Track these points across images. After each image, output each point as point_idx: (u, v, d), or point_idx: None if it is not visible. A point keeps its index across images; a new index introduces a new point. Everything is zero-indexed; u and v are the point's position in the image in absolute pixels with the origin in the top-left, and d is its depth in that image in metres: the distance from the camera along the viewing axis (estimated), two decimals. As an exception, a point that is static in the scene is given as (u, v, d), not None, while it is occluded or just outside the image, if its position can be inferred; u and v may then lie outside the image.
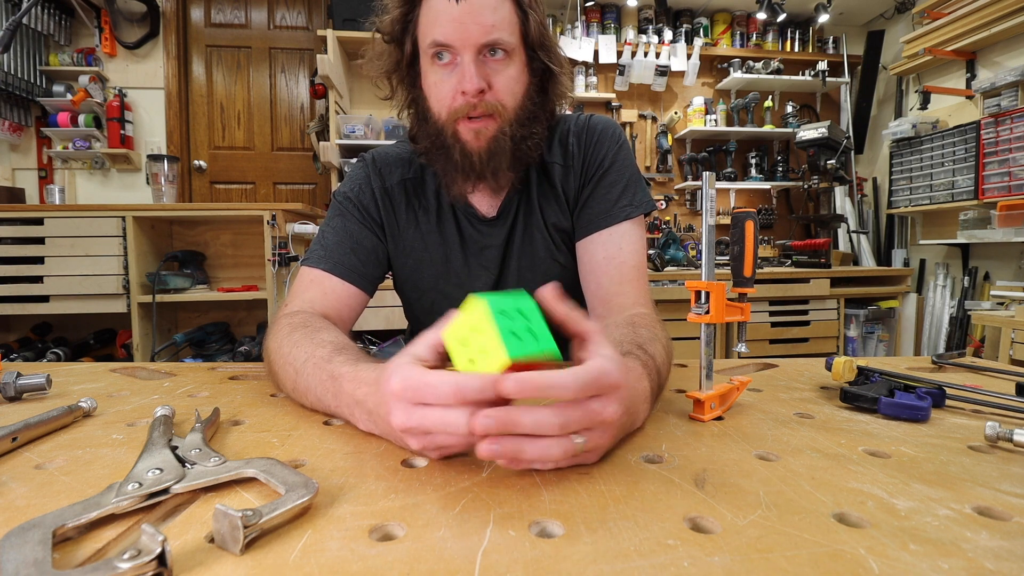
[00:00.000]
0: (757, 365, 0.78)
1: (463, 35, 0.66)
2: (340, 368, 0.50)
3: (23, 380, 0.58)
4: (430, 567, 0.28)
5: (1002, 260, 2.84)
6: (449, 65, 0.69)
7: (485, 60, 0.68)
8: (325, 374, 0.51)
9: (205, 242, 2.33)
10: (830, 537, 0.30)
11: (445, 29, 0.66)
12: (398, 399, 0.38)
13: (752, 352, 2.70)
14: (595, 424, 0.38)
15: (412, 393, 0.37)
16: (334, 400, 0.50)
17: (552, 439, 0.36)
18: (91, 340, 2.27)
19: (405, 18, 0.71)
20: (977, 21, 2.68)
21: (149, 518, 0.33)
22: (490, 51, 0.68)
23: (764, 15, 3.14)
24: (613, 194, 0.78)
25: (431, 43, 0.68)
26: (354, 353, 0.54)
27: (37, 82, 2.90)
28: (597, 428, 0.38)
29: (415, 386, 0.37)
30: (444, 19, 0.66)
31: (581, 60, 3.26)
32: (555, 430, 0.35)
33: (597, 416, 0.37)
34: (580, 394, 0.36)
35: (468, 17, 0.66)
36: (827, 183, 2.99)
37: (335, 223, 0.79)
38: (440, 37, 0.67)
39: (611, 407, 0.38)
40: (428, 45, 0.68)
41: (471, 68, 0.67)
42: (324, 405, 0.52)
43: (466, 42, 0.66)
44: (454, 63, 0.69)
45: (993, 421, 0.45)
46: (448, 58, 0.68)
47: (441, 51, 0.68)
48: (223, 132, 3.25)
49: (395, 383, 0.38)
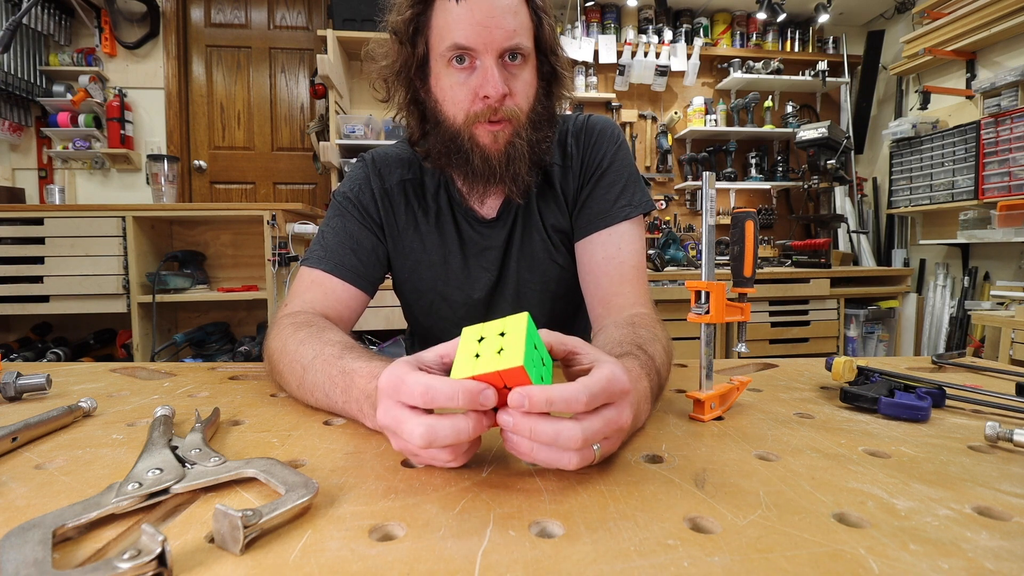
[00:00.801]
0: (757, 365, 0.78)
1: (486, 39, 0.65)
2: (353, 364, 0.50)
3: (23, 380, 0.58)
4: (430, 567, 0.28)
5: (1002, 260, 2.84)
6: (467, 68, 0.68)
7: (505, 64, 0.68)
8: (336, 370, 0.51)
9: (205, 242, 2.33)
10: (830, 537, 0.30)
11: (467, 32, 0.65)
12: (383, 395, 0.38)
13: (752, 352, 2.71)
14: (612, 432, 0.38)
15: (392, 391, 0.38)
16: (343, 396, 0.50)
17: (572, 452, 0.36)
18: (91, 340, 2.27)
19: (417, 19, 0.70)
20: (977, 21, 2.68)
21: (149, 518, 0.33)
22: (509, 56, 0.68)
23: (764, 15, 3.13)
24: (612, 194, 0.78)
25: (451, 46, 0.66)
26: (365, 351, 0.54)
27: (37, 82, 2.90)
28: (613, 435, 0.39)
29: (396, 384, 0.37)
30: (466, 22, 0.65)
31: (581, 60, 3.26)
32: (578, 444, 0.35)
33: (614, 424, 0.37)
34: (591, 405, 0.36)
35: (491, 21, 0.65)
36: (827, 183, 2.99)
37: (335, 223, 0.79)
38: (462, 40, 0.66)
39: (625, 412, 0.38)
40: (448, 48, 0.67)
41: (495, 72, 0.66)
42: (331, 402, 0.51)
43: (489, 46, 0.66)
44: (472, 67, 0.68)
45: (993, 421, 0.45)
46: (467, 62, 0.67)
47: (460, 54, 0.67)
48: (223, 132, 3.25)
49: (383, 378, 0.39)
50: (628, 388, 0.39)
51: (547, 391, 0.35)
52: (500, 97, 0.67)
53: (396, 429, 0.37)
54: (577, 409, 0.35)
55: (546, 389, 0.35)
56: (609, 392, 0.37)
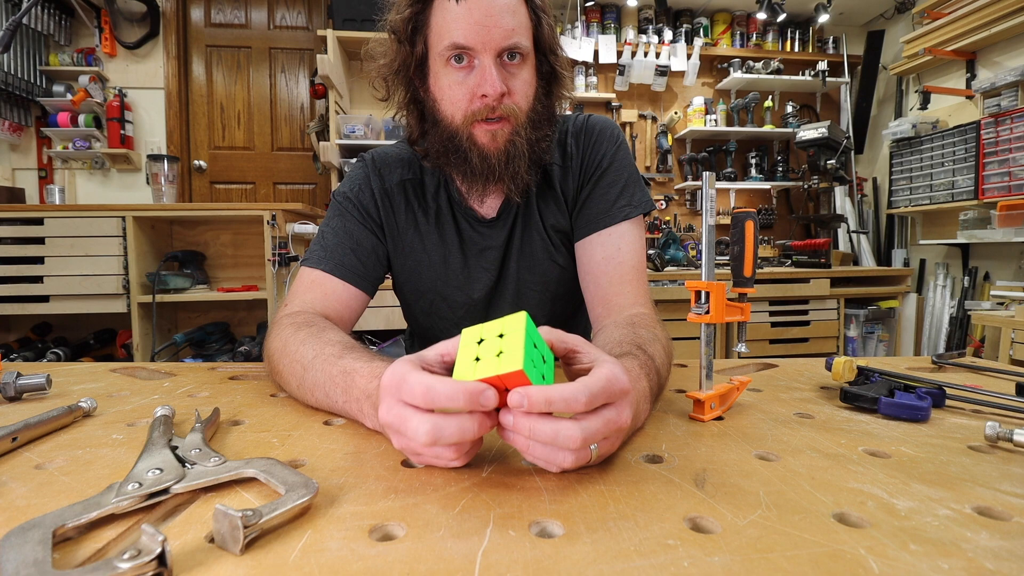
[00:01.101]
0: (757, 365, 0.78)
1: (485, 38, 0.65)
2: (354, 364, 0.50)
3: (23, 380, 0.58)
4: (430, 567, 0.28)
5: (1002, 260, 2.84)
6: (466, 68, 0.68)
7: (503, 64, 0.68)
8: (336, 370, 0.51)
9: (205, 242, 2.33)
10: (830, 537, 0.30)
11: (466, 32, 0.65)
12: (386, 393, 0.38)
13: (752, 352, 2.70)
14: (612, 432, 0.38)
15: (395, 389, 0.38)
16: (343, 395, 0.50)
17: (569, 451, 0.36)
18: (91, 340, 2.27)
19: (416, 18, 0.70)
20: (977, 21, 2.68)
21: (149, 518, 0.33)
22: (508, 55, 0.68)
23: (764, 15, 3.13)
24: (611, 194, 0.78)
25: (450, 45, 0.66)
26: (366, 351, 0.54)
27: (37, 82, 2.90)
28: (612, 435, 0.39)
29: (398, 383, 0.37)
30: (464, 22, 0.65)
31: (581, 60, 3.26)
32: (576, 444, 0.35)
33: (614, 425, 0.38)
34: (591, 405, 0.36)
35: (489, 20, 0.65)
36: (827, 183, 2.99)
37: (335, 223, 0.79)
38: (460, 39, 0.66)
39: (625, 412, 0.38)
40: (446, 47, 0.67)
41: (493, 71, 0.66)
42: (331, 401, 0.52)
43: (487, 45, 0.66)
44: (471, 66, 0.68)
45: (993, 421, 0.45)
46: (465, 61, 0.68)
47: (459, 54, 0.67)
48: (223, 132, 3.25)
49: (386, 376, 0.39)
50: (628, 388, 0.39)
51: (546, 392, 0.35)
52: (498, 96, 0.67)
53: (400, 427, 0.37)
54: (577, 409, 0.35)
55: (545, 390, 0.35)
56: (609, 392, 0.37)
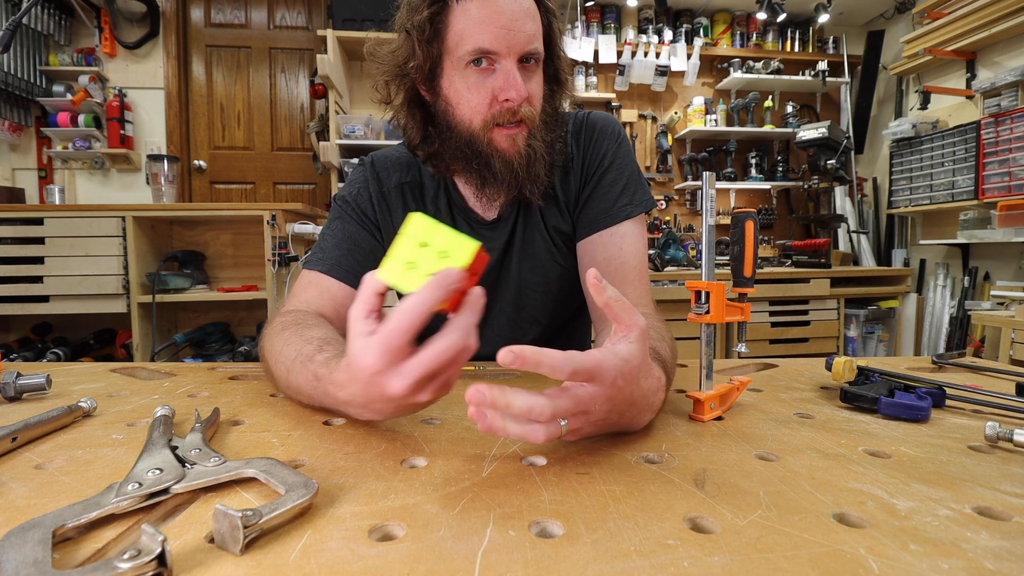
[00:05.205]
0: (757, 365, 0.78)
1: (509, 42, 0.65)
2: (320, 369, 0.50)
3: (23, 380, 0.58)
4: (430, 567, 0.28)
5: (1002, 260, 2.84)
6: (486, 71, 0.68)
7: (523, 67, 0.68)
8: (310, 374, 0.51)
9: (205, 242, 2.33)
10: (830, 537, 0.30)
11: (490, 36, 0.65)
12: (383, 373, 0.38)
13: (752, 352, 2.70)
14: (580, 411, 0.39)
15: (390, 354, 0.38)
16: (324, 398, 0.50)
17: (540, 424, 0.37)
18: (91, 340, 2.27)
19: (434, 19, 0.69)
20: (977, 21, 2.68)
21: (149, 518, 0.33)
22: (525, 58, 0.68)
23: (764, 15, 3.13)
24: (613, 193, 0.78)
25: (474, 49, 0.66)
26: (335, 349, 0.53)
27: (37, 82, 2.90)
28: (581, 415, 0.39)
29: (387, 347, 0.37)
30: (489, 26, 0.65)
31: (581, 60, 3.26)
32: (546, 418, 0.36)
33: (582, 405, 0.38)
34: (571, 378, 0.37)
35: (514, 24, 0.65)
36: (827, 183, 2.99)
37: (334, 226, 0.79)
38: (486, 44, 0.65)
39: (599, 400, 0.39)
40: (468, 51, 0.66)
41: (517, 76, 0.66)
42: (317, 402, 0.52)
43: (511, 49, 0.66)
44: (491, 69, 0.68)
45: (993, 421, 0.45)
46: (485, 64, 0.67)
47: (480, 57, 0.67)
48: (223, 132, 3.25)
49: (369, 363, 0.38)
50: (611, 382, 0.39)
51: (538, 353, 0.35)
52: (523, 99, 0.67)
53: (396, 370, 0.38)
54: (556, 377, 0.36)
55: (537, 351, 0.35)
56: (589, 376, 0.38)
